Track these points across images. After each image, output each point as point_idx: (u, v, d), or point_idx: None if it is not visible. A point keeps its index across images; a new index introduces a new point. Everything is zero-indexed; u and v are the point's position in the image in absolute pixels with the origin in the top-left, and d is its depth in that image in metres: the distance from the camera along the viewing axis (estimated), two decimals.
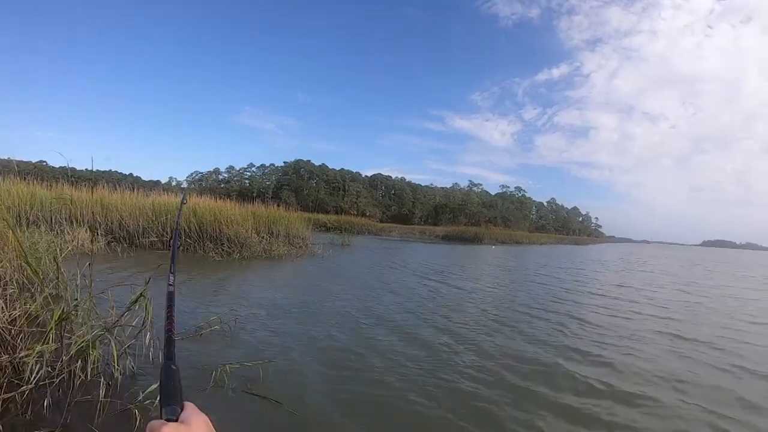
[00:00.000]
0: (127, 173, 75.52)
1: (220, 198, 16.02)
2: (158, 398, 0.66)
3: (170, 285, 0.91)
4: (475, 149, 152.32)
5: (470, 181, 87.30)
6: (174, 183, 77.95)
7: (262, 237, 13.76)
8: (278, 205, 18.17)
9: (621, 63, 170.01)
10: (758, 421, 3.56)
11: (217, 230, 12.33)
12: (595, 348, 5.42)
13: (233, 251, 12.00)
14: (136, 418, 2.65)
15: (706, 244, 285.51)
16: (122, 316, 3.51)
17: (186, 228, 11.87)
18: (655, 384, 4.26)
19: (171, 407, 0.60)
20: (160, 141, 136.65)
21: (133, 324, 3.64)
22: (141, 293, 3.40)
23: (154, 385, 2.86)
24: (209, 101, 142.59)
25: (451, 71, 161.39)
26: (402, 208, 75.02)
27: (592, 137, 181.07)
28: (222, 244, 12.14)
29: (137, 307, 3.49)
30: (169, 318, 0.80)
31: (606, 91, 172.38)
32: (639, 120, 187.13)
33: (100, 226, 10.60)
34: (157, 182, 69.49)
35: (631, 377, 4.40)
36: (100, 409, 2.76)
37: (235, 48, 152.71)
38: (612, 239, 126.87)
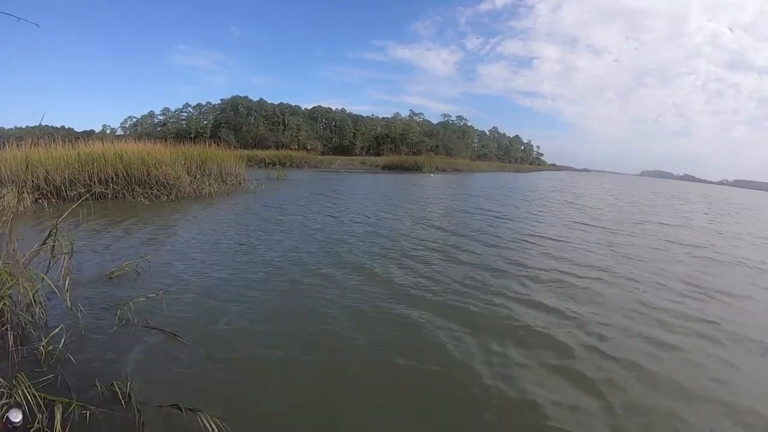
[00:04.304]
0: (59, 126, 69.31)
1: (157, 141, 15.60)
2: None
3: None
4: (417, 79, 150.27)
5: (411, 110, 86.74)
6: (108, 131, 72.16)
7: (194, 177, 14.01)
8: (217, 144, 18.21)
9: None
10: None
11: (146, 174, 12.47)
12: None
13: (162, 194, 12.35)
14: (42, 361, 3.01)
15: (645, 174, 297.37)
16: (32, 258, 3.65)
17: (113, 175, 12.01)
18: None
19: None
20: (90, 89, 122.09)
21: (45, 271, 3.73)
22: (50, 232, 3.56)
23: (57, 330, 3.24)
24: (138, 41, 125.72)
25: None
26: (343, 139, 74.37)
27: (536, 67, 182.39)
28: (151, 187, 12.40)
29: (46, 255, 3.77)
30: None
31: (550, 21, 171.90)
32: (583, 52, 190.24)
33: (26, 184, 10.29)
34: (91, 131, 64.76)
35: None
36: (11, 358, 3.00)
37: None
38: (553, 167, 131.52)
